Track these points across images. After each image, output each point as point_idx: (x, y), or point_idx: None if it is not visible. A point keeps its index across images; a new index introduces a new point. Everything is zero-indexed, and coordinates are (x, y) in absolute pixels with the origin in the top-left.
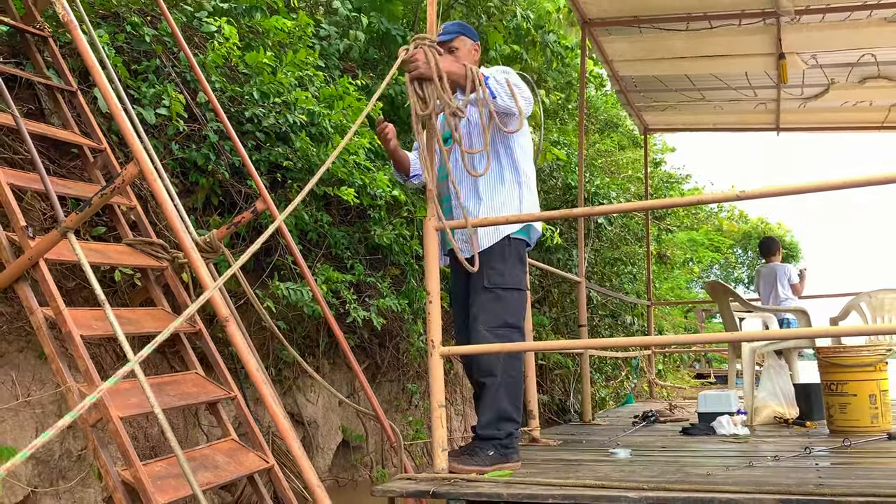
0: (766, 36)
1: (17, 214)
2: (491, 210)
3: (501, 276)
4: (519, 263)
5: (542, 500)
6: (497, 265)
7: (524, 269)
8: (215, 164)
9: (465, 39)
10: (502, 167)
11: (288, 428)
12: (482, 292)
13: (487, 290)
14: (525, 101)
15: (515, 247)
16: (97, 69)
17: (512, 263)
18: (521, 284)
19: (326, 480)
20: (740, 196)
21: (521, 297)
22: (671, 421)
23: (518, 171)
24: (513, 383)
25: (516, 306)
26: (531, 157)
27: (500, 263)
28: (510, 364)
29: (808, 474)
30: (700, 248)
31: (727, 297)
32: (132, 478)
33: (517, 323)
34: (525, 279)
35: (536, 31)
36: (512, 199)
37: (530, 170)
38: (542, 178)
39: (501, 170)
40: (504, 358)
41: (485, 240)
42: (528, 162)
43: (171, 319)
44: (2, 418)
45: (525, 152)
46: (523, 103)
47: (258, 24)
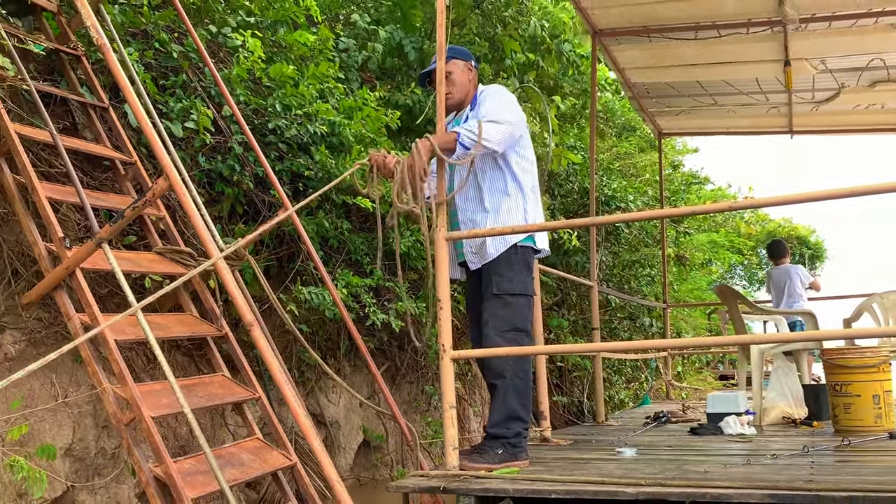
0: (774, 43)
1: (55, 226)
2: (497, 221)
3: (510, 283)
4: (526, 270)
5: (545, 496)
6: (505, 272)
7: (531, 276)
8: (240, 174)
9: (456, 62)
10: (505, 180)
11: (309, 427)
12: (492, 299)
13: (497, 297)
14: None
15: (522, 254)
16: (127, 86)
17: (519, 270)
18: (529, 290)
19: (348, 479)
20: (735, 205)
21: (529, 303)
22: (682, 421)
23: (519, 184)
24: (521, 385)
25: (524, 311)
26: (533, 168)
27: (508, 270)
28: (519, 367)
29: (801, 471)
30: (721, 250)
31: (736, 300)
32: (163, 474)
33: (525, 327)
34: (532, 285)
35: (551, 40)
36: (517, 210)
37: (532, 181)
38: (559, 182)
39: (505, 182)
40: (513, 361)
41: (492, 249)
42: (528, 174)
43: (199, 324)
44: (41, 418)
45: (525, 165)
46: (497, 138)
47: (281, 39)
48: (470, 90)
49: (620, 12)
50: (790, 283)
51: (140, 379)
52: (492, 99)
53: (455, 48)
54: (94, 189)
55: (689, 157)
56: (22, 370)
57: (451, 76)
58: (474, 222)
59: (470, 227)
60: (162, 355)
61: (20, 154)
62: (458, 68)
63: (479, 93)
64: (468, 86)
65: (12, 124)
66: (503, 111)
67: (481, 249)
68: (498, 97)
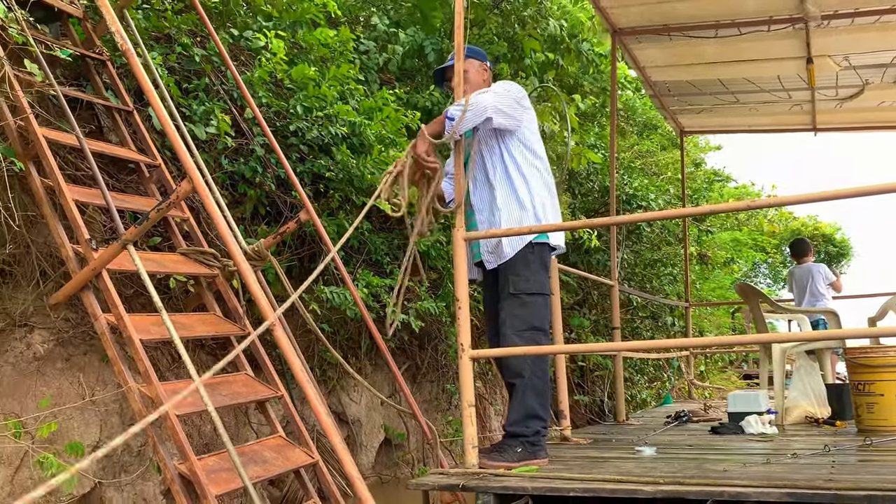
0: (796, 40)
1: (81, 228)
2: (510, 220)
3: (526, 282)
4: (542, 269)
5: (563, 493)
6: (522, 272)
7: (548, 274)
8: (262, 176)
9: (472, 61)
10: (513, 178)
11: (330, 424)
12: (509, 298)
13: (514, 297)
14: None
15: (538, 252)
16: (151, 90)
17: (535, 269)
18: (545, 289)
19: (370, 477)
20: (755, 204)
21: (546, 301)
22: (704, 420)
23: (527, 180)
24: (540, 384)
25: (541, 310)
26: (543, 163)
27: (524, 270)
28: (538, 366)
29: (821, 471)
30: (744, 249)
31: (757, 298)
32: (188, 471)
33: (542, 326)
34: (548, 283)
35: (570, 39)
36: (528, 208)
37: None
38: (580, 181)
39: (513, 180)
40: (531, 360)
41: (508, 248)
42: (537, 169)
43: (222, 324)
44: (70, 416)
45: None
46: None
47: (301, 40)
48: (482, 85)
49: (640, 11)
50: (812, 281)
51: (165, 378)
52: (495, 86)
53: (471, 48)
54: (120, 191)
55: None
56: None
57: (466, 74)
58: (490, 222)
59: (486, 227)
60: (186, 355)
61: (48, 158)
62: (473, 67)
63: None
64: (482, 85)
65: (40, 128)
66: (496, 86)
67: (497, 249)
68: (500, 85)
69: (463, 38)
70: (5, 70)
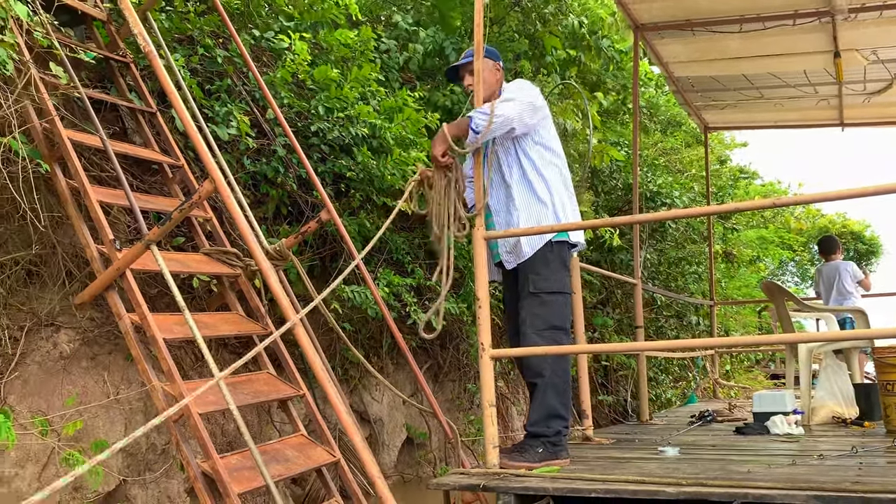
0: (822, 34)
1: (105, 229)
2: (529, 220)
3: (546, 281)
4: (562, 267)
5: (584, 494)
6: (541, 271)
7: (567, 272)
8: (284, 176)
9: (486, 61)
10: (530, 177)
11: (350, 423)
12: (529, 297)
13: (533, 296)
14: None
15: (558, 251)
16: (173, 91)
17: (555, 268)
18: (565, 288)
19: (392, 476)
20: (779, 202)
21: (566, 300)
22: (728, 420)
23: (545, 178)
24: (561, 383)
25: (561, 309)
26: (560, 160)
27: (543, 269)
28: (559, 365)
29: (848, 472)
30: (770, 247)
31: (783, 297)
32: (210, 469)
33: (563, 325)
34: (568, 282)
35: (590, 36)
36: (547, 206)
37: (560, 173)
38: (602, 178)
39: (530, 179)
40: (552, 359)
41: (528, 247)
42: (554, 167)
43: (245, 323)
44: (95, 414)
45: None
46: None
47: (322, 40)
48: (496, 90)
49: (662, 6)
50: (839, 279)
51: (188, 376)
52: (507, 90)
53: (485, 48)
54: (144, 192)
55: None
56: None
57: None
58: (508, 223)
59: (504, 228)
60: (209, 354)
61: (72, 159)
62: (487, 67)
63: (503, 90)
64: (495, 85)
65: (65, 130)
66: (517, 91)
67: (516, 248)
68: (511, 86)
69: (482, 36)
70: (31, 73)
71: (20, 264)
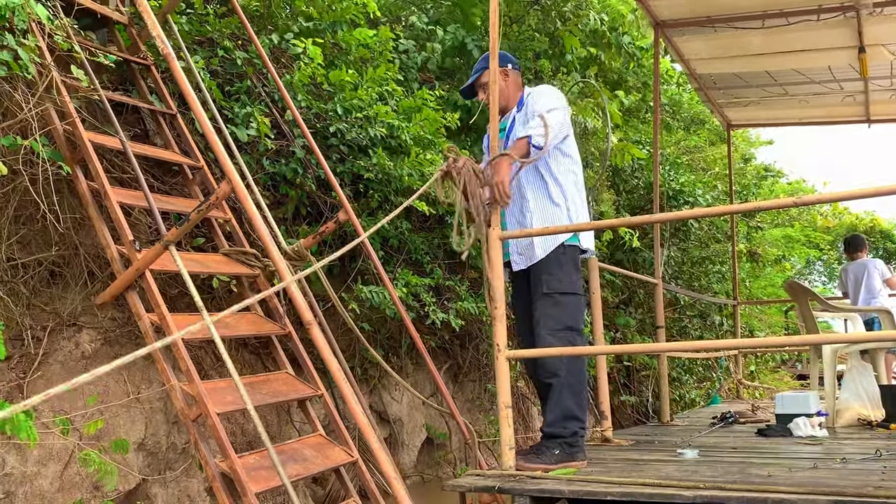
0: (847, 29)
1: (125, 230)
2: (544, 222)
3: (560, 282)
4: (574, 269)
5: (600, 497)
6: (555, 272)
7: (579, 275)
8: (303, 177)
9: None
10: (547, 183)
11: (367, 424)
12: (542, 298)
13: (547, 296)
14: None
15: (570, 254)
16: (190, 93)
17: (568, 270)
18: (578, 289)
19: (412, 477)
20: (801, 201)
21: (579, 301)
22: (751, 422)
23: (561, 185)
24: (576, 383)
25: (575, 310)
26: (577, 166)
27: (557, 270)
28: (574, 365)
29: (871, 477)
30: (797, 246)
31: (806, 297)
32: (228, 469)
33: (577, 325)
34: (580, 283)
35: (611, 33)
36: (561, 211)
37: (575, 179)
38: (624, 178)
39: (547, 185)
40: (568, 359)
41: (540, 250)
42: (570, 173)
43: (264, 323)
44: (115, 413)
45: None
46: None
47: (340, 40)
48: (512, 93)
49: (683, 2)
50: (867, 277)
51: (208, 376)
52: (539, 96)
53: (487, 57)
54: (165, 193)
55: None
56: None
57: (487, 87)
58: (521, 223)
59: (517, 228)
60: (227, 354)
61: (93, 161)
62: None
63: (527, 95)
64: (507, 90)
65: (86, 133)
66: (556, 100)
67: (528, 250)
68: (545, 93)
69: (497, 34)
70: (52, 76)
71: (43, 265)
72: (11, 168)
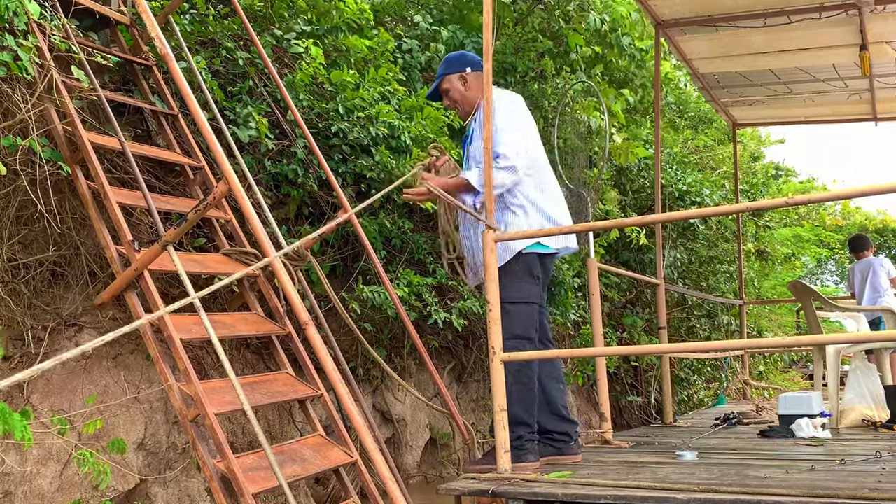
0: (850, 27)
1: (124, 230)
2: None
3: (506, 290)
4: (527, 277)
5: (593, 500)
6: (504, 281)
7: (535, 282)
8: (304, 177)
9: (449, 77)
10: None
11: (362, 424)
12: None
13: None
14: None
15: (526, 261)
16: (188, 93)
17: (518, 277)
18: (530, 297)
19: (415, 477)
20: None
21: (530, 310)
22: (755, 423)
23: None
24: (523, 390)
25: (523, 319)
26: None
27: (504, 278)
28: (521, 373)
29: (868, 479)
30: (806, 245)
31: (809, 296)
32: (226, 469)
33: (526, 334)
34: (535, 291)
35: (611, 34)
36: (522, 217)
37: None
38: (630, 177)
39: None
40: (515, 367)
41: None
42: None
43: (264, 323)
44: (115, 413)
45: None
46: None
47: (341, 44)
48: (470, 95)
49: (683, 1)
50: (873, 275)
51: (210, 376)
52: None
53: (449, 59)
54: (166, 194)
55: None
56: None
57: (448, 93)
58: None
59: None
60: (223, 353)
61: (93, 161)
62: (452, 84)
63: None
64: (469, 94)
65: (87, 133)
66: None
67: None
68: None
69: (491, 35)
70: (52, 76)
71: (44, 265)
72: (13, 169)
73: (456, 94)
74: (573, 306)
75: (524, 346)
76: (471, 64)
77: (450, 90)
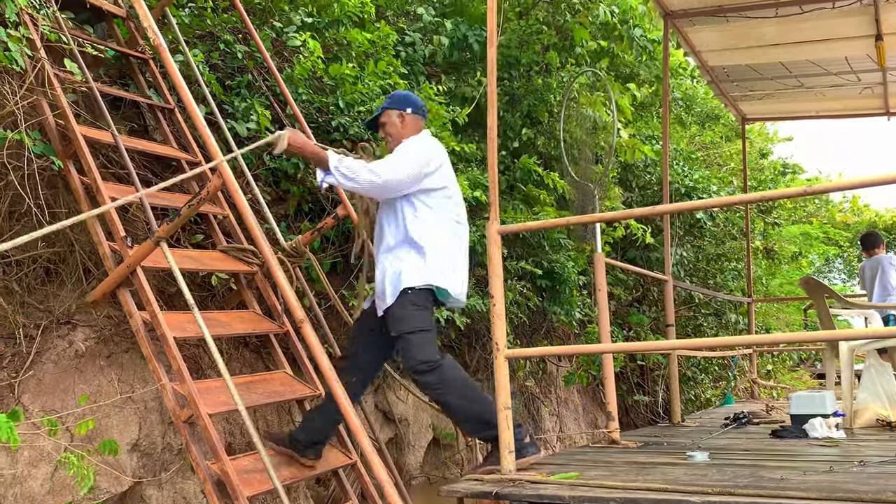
0: (864, 17)
1: (117, 225)
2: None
3: (400, 322)
4: (417, 308)
5: (602, 502)
6: (396, 312)
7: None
8: (304, 172)
9: (389, 112)
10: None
11: (358, 426)
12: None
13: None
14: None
15: (416, 296)
16: (183, 87)
17: (410, 310)
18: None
19: (418, 477)
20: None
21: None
22: (765, 423)
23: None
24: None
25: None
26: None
27: (398, 310)
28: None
29: (890, 481)
30: (815, 243)
31: (822, 293)
32: (219, 471)
33: (429, 358)
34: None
35: (622, 25)
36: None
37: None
38: (637, 174)
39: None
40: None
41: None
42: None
43: (261, 322)
44: (108, 413)
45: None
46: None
47: (341, 37)
48: (403, 133)
49: None
50: (882, 273)
51: (207, 375)
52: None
53: (394, 96)
54: (163, 189)
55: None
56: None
57: (385, 127)
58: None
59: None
60: (217, 352)
61: (86, 156)
62: (390, 118)
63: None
64: (402, 131)
65: (79, 127)
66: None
67: (381, 297)
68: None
69: (496, 24)
70: (44, 68)
71: (38, 262)
72: (4, 163)
73: (392, 128)
74: (578, 304)
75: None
76: (412, 106)
77: (387, 124)
